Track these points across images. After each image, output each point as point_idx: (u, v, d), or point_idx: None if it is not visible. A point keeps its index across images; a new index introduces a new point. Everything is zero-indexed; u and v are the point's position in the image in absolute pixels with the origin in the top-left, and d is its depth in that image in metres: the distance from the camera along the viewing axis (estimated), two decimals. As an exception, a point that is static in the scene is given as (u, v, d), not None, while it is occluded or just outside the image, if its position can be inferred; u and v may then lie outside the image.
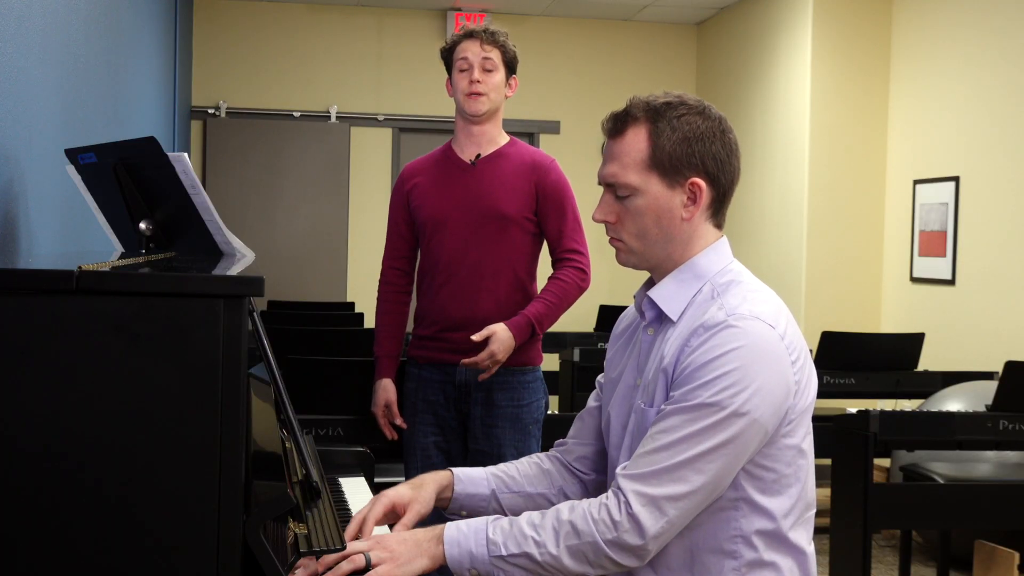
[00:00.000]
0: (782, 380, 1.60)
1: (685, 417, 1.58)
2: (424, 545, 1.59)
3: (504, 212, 2.92)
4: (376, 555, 1.55)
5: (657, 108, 1.70)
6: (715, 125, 1.69)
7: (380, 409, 3.01)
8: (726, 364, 1.57)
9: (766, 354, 1.59)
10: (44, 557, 1.19)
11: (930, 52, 6.01)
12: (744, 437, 1.57)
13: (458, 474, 1.82)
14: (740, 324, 1.59)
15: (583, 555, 1.58)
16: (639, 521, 1.56)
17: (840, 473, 3.66)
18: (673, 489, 1.56)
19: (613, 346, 1.89)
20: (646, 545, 1.57)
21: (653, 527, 1.56)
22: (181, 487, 1.20)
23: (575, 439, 1.92)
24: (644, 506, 1.56)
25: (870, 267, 6.42)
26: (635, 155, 1.69)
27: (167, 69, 5.58)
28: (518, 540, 1.59)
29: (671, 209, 1.68)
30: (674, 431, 1.58)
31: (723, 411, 1.56)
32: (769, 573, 1.65)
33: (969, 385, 4.59)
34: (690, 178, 1.68)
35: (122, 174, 1.93)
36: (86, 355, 1.19)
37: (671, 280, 1.72)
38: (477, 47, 2.94)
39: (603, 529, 1.57)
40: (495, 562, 1.59)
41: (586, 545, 1.58)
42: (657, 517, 1.56)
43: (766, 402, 1.58)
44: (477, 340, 2.82)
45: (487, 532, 1.60)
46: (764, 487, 1.63)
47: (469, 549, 1.59)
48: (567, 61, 7.82)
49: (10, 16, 1.98)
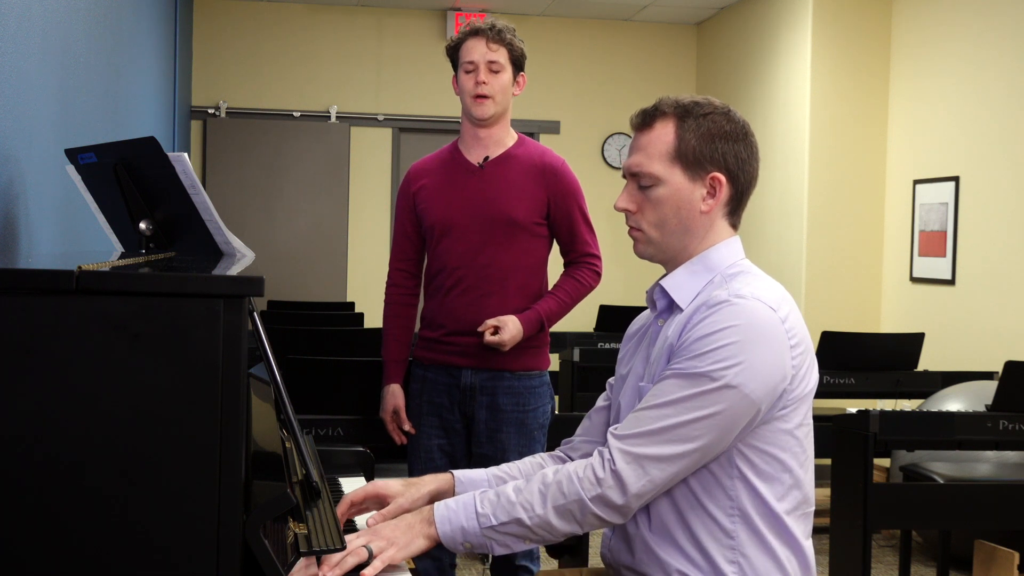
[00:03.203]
0: (778, 361, 1.64)
1: (677, 383, 1.64)
2: (417, 527, 1.65)
3: (513, 217, 2.88)
4: (376, 544, 1.60)
5: (685, 106, 1.77)
6: (739, 128, 1.77)
7: (388, 415, 2.99)
8: (723, 338, 1.63)
9: (764, 333, 1.64)
10: (44, 557, 1.19)
11: (930, 52, 6.01)
12: (733, 410, 1.62)
13: (459, 476, 1.85)
14: (740, 303, 1.65)
15: (570, 513, 1.65)
16: (622, 478, 1.62)
17: (840, 473, 3.65)
18: (657, 450, 1.62)
19: (626, 345, 1.93)
20: (628, 502, 1.64)
21: (635, 485, 1.63)
22: (181, 487, 1.20)
23: (582, 436, 1.95)
24: (628, 464, 1.63)
25: (870, 267, 6.42)
26: (661, 147, 1.76)
27: (167, 69, 5.59)
28: (506, 508, 1.66)
29: (691, 201, 1.75)
30: (665, 395, 1.64)
31: (714, 382, 1.62)
32: (765, 557, 1.67)
33: (969, 385, 4.59)
34: (711, 172, 1.75)
35: (122, 174, 1.93)
36: (86, 355, 1.19)
37: (683, 270, 1.78)
38: (483, 46, 2.88)
39: (587, 486, 1.64)
40: (487, 533, 1.66)
41: (572, 503, 1.64)
42: (640, 475, 1.63)
43: (758, 379, 1.62)
44: (487, 331, 2.83)
45: (476, 506, 1.67)
46: (758, 470, 1.67)
47: (460, 524, 1.66)
48: (567, 61, 7.83)
49: (10, 16, 1.98)
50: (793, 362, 1.67)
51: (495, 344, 2.83)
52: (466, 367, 2.91)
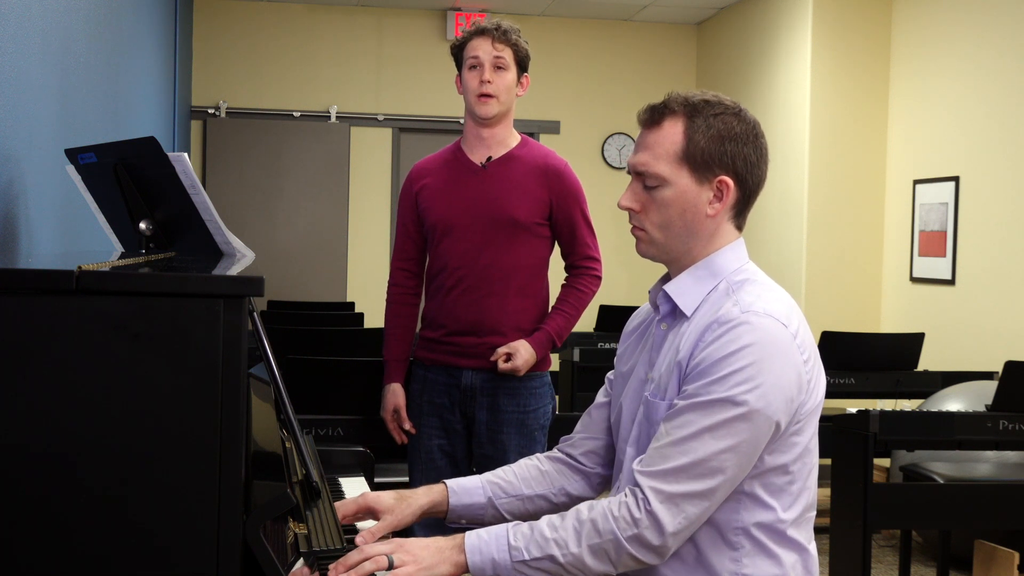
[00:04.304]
0: (794, 376, 1.61)
1: (700, 413, 1.59)
2: (446, 552, 1.60)
3: (515, 217, 2.88)
4: (399, 557, 1.56)
5: (695, 104, 1.71)
6: (749, 129, 1.72)
7: (389, 414, 2.98)
8: (740, 360, 1.58)
9: (779, 351, 1.60)
10: (44, 557, 1.19)
11: (930, 52, 6.01)
12: (758, 432, 1.58)
13: (452, 486, 1.83)
14: (754, 320, 1.61)
15: (604, 553, 1.59)
16: (658, 518, 1.57)
17: (840, 473, 3.65)
18: (691, 487, 1.58)
19: (625, 341, 1.90)
20: (666, 542, 1.58)
21: (672, 524, 1.57)
22: (181, 487, 1.20)
23: (583, 433, 1.93)
24: (662, 503, 1.57)
25: (870, 267, 6.42)
26: (668, 147, 1.70)
27: (167, 69, 5.59)
28: (539, 543, 1.60)
29: (697, 204, 1.70)
30: (689, 426, 1.59)
31: (738, 407, 1.57)
32: (770, 565, 1.66)
33: (969, 385, 4.59)
34: (719, 176, 1.70)
35: (122, 174, 1.93)
36: (86, 355, 1.19)
37: (687, 276, 1.74)
38: (488, 45, 2.87)
39: (623, 526, 1.58)
40: (518, 567, 1.60)
41: (607, 543, 1.59)
42: (675, 514, 1.58)
43: (779, 398, 1.59)
44: (499, 359, 2.84)
45: (508, 538, 1.61)
46: (768, 484, 1.64)
47: (491, 556, 1.60)
48: (567, 61, 7.83)
49: (10, 16, 1.98)
50: (806, 376, 1.64)
51: (509, 371, 2.85)
52: (467, 368, 2.91)
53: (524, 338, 2.90)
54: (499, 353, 2.85)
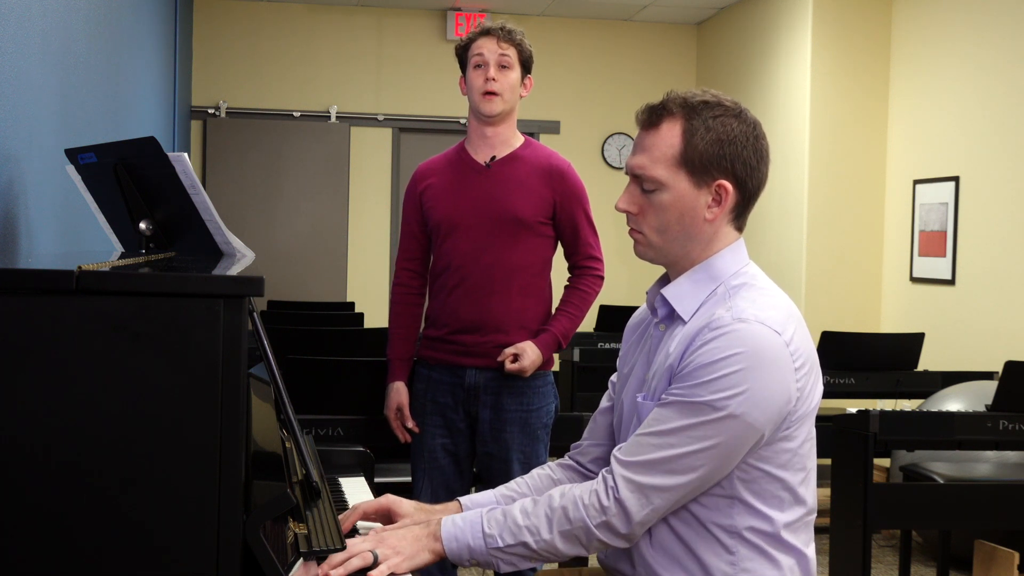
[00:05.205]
0: (782, 387, 1.61)
1: (680, 411, 1.61)
2: (424, 541, 1.65)
3: (519, 216, 2.89)
4: (382, 551, 1.59)
5: (694, 105, 1.68)
6: (749, 130, 1.69)
7: (392, 412, 2.98)
8: (726, 367, 1.58)
9: (767, 360, 1.59)
10: (44, 557, 1.19)
11: (930, 52, 6.01)
12: (736, 439, 1.59)
13: (465, 503, 1.85)
14: (743, 328, 1.60)
15: (576, 538, 1.65)
16: (625, 507, 1.62)
17: (840, 473, 3.65)
18: (661, 480, 1.61)
19: (626, 342, 1.90)
20: (632, 530, 1.64)
21: (639, 513, 1.62)
22: (181, 487, 1.20)
23: (589, 440, 1.94)
24: (632, 492, 1.62)
25: (870, 267, 6.42)
26: (666, 150, 1.68)
27: (167, 69, 5.59)
28: (512, 531, 1.66)
29: (695, 208, 1.68)
30: (669, 422, 1.61)
31: (718, 412, 1.58)
32: (767, 568, 1.66)
33: (969, 385, 4.59)
34: (718, 180, 1.67)
35: (122, 174, 1.93)
36: (86, 355, 1.19)
37: (686, 279, 1.72)
38: (493, 44, 2.89)
39: (593, 514, 1.63)
40: (493, 553, 1.66)
41: (578, 529, 1.64)
42: (643, 504, 1.62)
43: (762, 407, 1.59)
44: (506, 359, 2.85)
45: (483, 526, 1.66)
46: (760, 490, 1.65)
47: (467, 543, 1.66)
48: (567, 61, 7.83)
49: (10, 16, 1.98)
50: (798, 384, 1.62)
51: (516, 372, 2.85)
52: (470, 366, 2.91)
53: (528, 336, 2.90)
54: (506, 354, 2.86)
